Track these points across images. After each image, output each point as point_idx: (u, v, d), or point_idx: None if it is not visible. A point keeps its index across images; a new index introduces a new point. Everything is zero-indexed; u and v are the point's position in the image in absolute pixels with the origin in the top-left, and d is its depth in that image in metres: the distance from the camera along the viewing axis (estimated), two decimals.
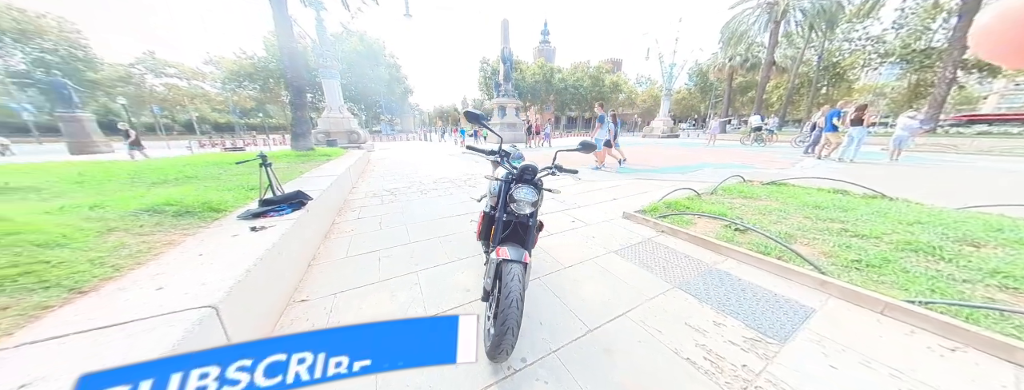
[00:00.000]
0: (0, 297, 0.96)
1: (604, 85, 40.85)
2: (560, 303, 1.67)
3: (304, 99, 6.60)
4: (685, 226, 2.60)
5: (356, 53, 29.03)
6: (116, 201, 2.03)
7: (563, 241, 2.55)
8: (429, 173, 6.17)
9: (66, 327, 0.91)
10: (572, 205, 3.69)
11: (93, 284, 1.11)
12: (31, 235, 1.24)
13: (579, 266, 2.10)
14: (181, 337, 0.89)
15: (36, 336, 0.87)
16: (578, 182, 5.20)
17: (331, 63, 10.84)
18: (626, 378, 1.19)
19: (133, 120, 26.13)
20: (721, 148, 12.38)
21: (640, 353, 1.31)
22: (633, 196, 4.07)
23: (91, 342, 0.86)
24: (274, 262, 1.57)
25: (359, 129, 12.55)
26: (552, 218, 3.18)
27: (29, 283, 1.04)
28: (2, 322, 0.89)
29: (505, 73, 19.67)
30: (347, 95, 31.80)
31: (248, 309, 1.26)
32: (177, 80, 29.71)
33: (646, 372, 1.22)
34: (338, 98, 11.70)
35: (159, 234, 1.62)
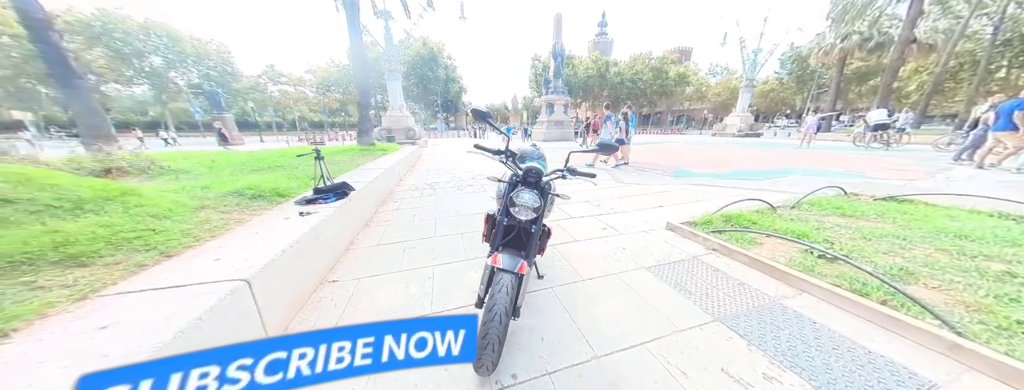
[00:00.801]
0: (118, 254, 1.26)
1: (667, 77, 36.81)
2: (569, 320, 1.52)
3: (368, 100, 7.46)
4: (746, 246, 2.15)
5: (419, 56, 31.73)
6: (219, 184, 2.57)
7: (587, 250, 2.34)
8: (470, 169, 6.38)
9: (150, 283, 1.16)
10: (608, 210, 3.39)
11: (177, 251, 1.40)
12: (151, 207, 1.62)
13: (600, 280, 1.89)
14: (213, 305, 1.05)
15: (129, 288, 1.13)
16: (619, 185, 4.78)
17: (395, 67, 12.03)
18: None
19: (257, 119, 33.36)
20: (820, 150, 10.05)
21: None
22: (685, 205, 3.55)
23: (159, 298, 1.07)
24: (310, 245, 1.78)
25: (415, 126, 13.71)
26: (580, 223, 2.96)
27: (138, 245, 1.35)
28: (114, 273, 1.17)
29: (555, 69, 19.20)
30: (409, 95, 35.07)
31: (280, 284, 1.44)
32: (287, 87, 36.79)
33: None
34: (399, 98, 12.94)
35: (235, 213, 1.98)
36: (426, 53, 32.11)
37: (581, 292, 1.76)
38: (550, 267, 2.04)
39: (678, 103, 43.39)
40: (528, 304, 1.65)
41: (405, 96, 40.18)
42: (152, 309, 1.00)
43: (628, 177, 5.43)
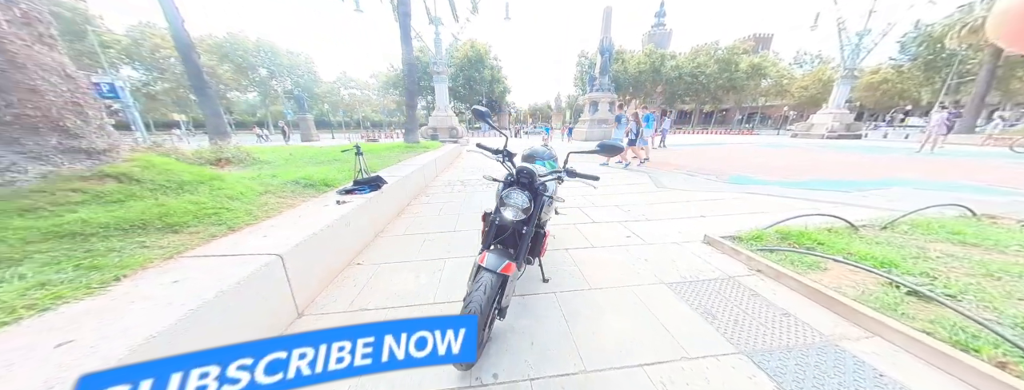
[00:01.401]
0: (199, 226, 1.60)
1: (737, 69, 32.21)
2: (565, 328, 1.46)
3: (415, 102, 8.10)
4: (803, 270, 1.80)
5: (467, 59, 33.17)
6: (284, 173, 3.06)
7: (604, 257, 2.20)
8: (502, 168, 6.49)
9: (215, 251, 1.45)
10: (638, 217, 3.13)
11: (239, 227, 1.72)
12: (228, 190, 2.02)
13: (610, 291, 1.77)
14: (251, 273, 1.26)
15: (200, 253, 1.42)
16: (657, 190, 4.37)
17: (442, 70, 12.78)
18: None
19: (331, 118, 38.86)
20: (950, 157, 7.81)
21: None
22: (734, 216, 3.10)
23: (218, 263, 1.34)
24: (340, 230, 2.01)
25: (458, 126, 14.40)
26: (602, 229, 2.79)
27: (214, 220, 1.69)
28: (194, 240, 1.49)
29: (602, 65, 18.32)
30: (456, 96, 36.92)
31: (310, 262, 1.66)
32: (355, 90, 41.90)
33: None
34: (445, 99, 13.72)
35: (289, 198, 2.34)
36: (474, 55, 33.43)
37: (586, 301, 1.67)
38: (558, 272, 1.98)
39: (750, 99, 37.64)
40: (525, 306, 1.63)
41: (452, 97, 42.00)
42: (209, 272, 1.26)
43: (671, 181, 4.94)
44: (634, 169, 6.16)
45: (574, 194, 4.18)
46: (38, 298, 0.99)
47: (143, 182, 1.68)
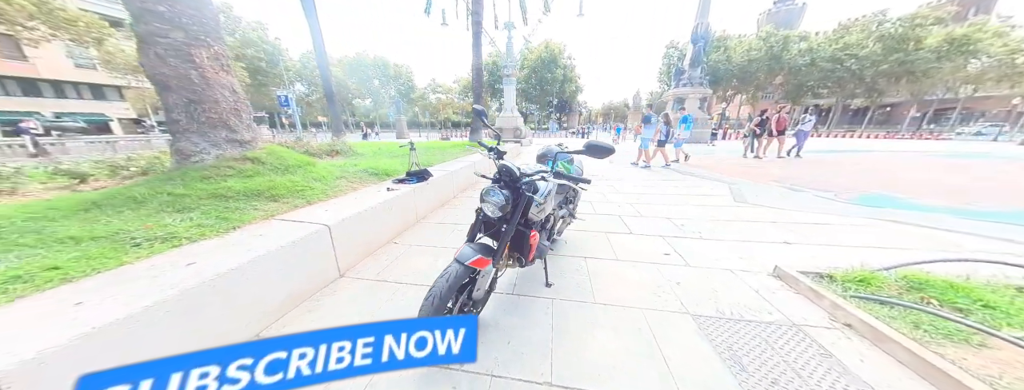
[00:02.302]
0: (290, 198, 2.17)
1: (918, 47, 22.80)
2: (549, 336, 1.40)
3: (481, 103, 8.70)
4: (936, 339, 1.27)
5: (540, 59, 33.48)
6: (361, 163, 3.79)
7: (626, 273, 1.98)
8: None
9: (292, 217, 1.95)
10: (691, 233, 2.67)
11: (314, 201, 2.25)
12: (316, 174, 2.65)
13: (616, 309, 1.59)
14: (304, 236, 1.66)
15: (282, 218, 1.94)
16: (735, 205, 3.58)
17: (511, 72, 13.30)
18: None
19: (421, 120, 45.39)
20: None
21: None
22: (840, 248, 2.34)
23: (289, 227, 1.80)
24: (383, 213, 2.40)
25: (522, 126, 14.77)
26: (635, 241, 2.49)
27: (300, 195, 2.26)
28: (283, 208, 2.03)
29: (693, 56, 15.90)
30: (527, 97, 37.73)
31: (353, 236, 2.05)
32: (441, 95, 47.68)
33: None
34: (512, 101, 14.25)
35: (356, 183, 2.91)
36: (547, 56, 33.49)
37: (584, 315, 1.55)
38: (566, 279, 1.88)
39: (943, 88, 26.08)
40: (517, 306, 1.62)
41: (523, 98, 43.01)
42: (283, 231, 1.71)
43: (760, 195, 3.96)
44: (680, 171, 5.70)
45: (620, 200, 3.82)
46: (193, 234, 1.55)
47: (266, 164, 2.39)
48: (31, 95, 18.50)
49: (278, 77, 27.11)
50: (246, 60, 24.66)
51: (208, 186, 1.95)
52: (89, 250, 1.30)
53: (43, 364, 0.83)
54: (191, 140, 2.08)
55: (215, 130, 2.14)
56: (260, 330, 1.43)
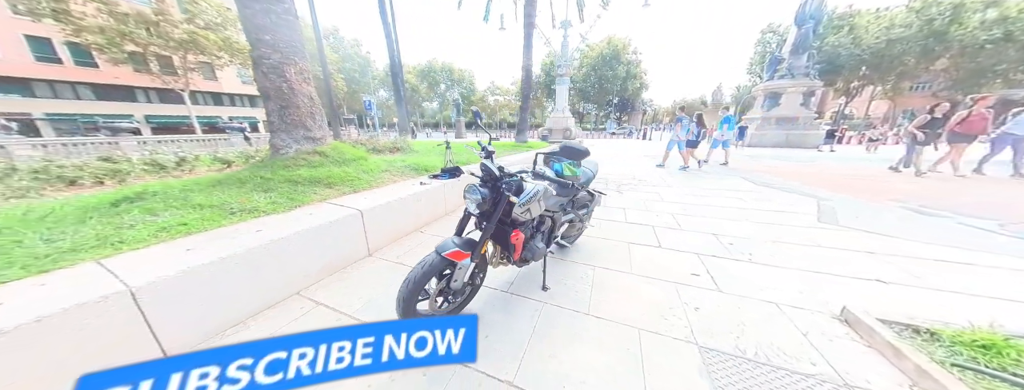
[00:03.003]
0: (341, 186, 2.62)
1: None
2: (526, 338, 1.40)
3: (528, 104, 8.81)
4: None
5: (601, 57, 31.80)
6: (409, 160, 4.27)
7: (636, 288, 1.83)
8: (600, 172, 6.11)
9: (337, 202, 2.36)
10: (740, 254, 2.28)
11: (359, 190, 2.66)
12: (366, 167, 3.12)
13: (611, 324, 1.50)
14: (338, 218, 2.00)
15: (332, 202, 2.36)
16: (823, 226, 2.89)
17: (565, 71, 13.03)
18: None
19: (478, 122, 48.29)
20: None
21: None
22: (974, 298, 1.71)
23: (332, 209, 2.18)
24: (411, 203, 2.68)
25: (573, 127, 14.36)
26: (667, 257, 2.24)
27: (349, 184, 2.70)
28: (335, 194, 2.47)
29: (798, 41, 13.24)
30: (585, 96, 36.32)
31: (382, 222, 2.36)
32: (499, 97, 49.60)
33: None
34: (564, 101, 13.97)
35: (398, 176, 3.31)
36: (609, 52, 31.62)
37: (572, 324, 1.49)
38: (565, 286, 1.82)
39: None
40: (506, 304, 1.65)
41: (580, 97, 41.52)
42: (327, 213, 2.08)
43: (865, 219, 3.07)
44: (755, 181, 5.04)
45: (661, 209, 3.43)
46: (268, 208, 2.02)
47: (329, 157, 2.93)
48: (217, 104, 26.03)
49: (367, 85, 32.19)
50: (345, 72, 29.99)
51: (286, 173, 2.50)
52: (205, 214, 1.83)
53: (158, 285, 1.22)
54: (280, 137, 2.70)
55: (296, 129, 2.72)
56: (300, 289, 1.78)
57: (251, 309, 1.55)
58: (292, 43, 2.57)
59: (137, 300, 1.18)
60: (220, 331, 1.43)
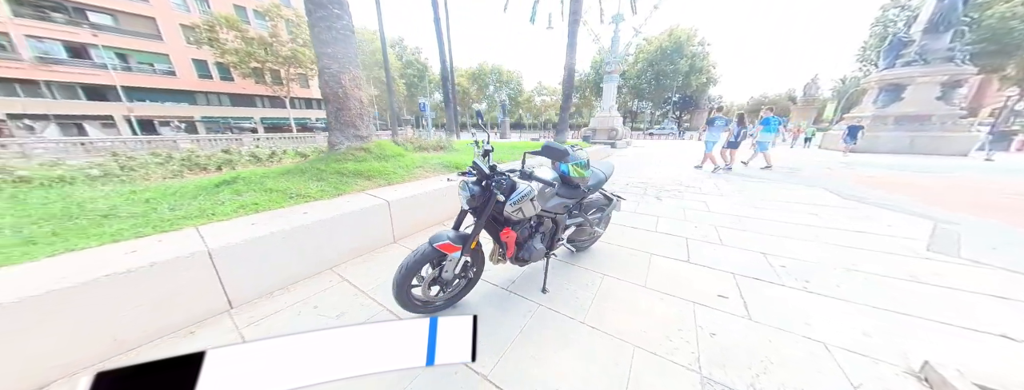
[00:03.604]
0: (378, 179, 2.95)
1: None
2: (511, 336, 1.41)
3: (569, 103, 8.59)
4: None
5: (660, 50, 29.13)
6: (445, 157, 4.57)
7: (646, 302, 1.70)
8: (640, 175, 5.71)
9: (373, 193, 2.66)
10: (795, 280, 1.91)
11: (393, 183, 2.96)
12: (404, 162, 3.45)
13: (602, 337, 1.44)
14: (370, 206, 2.26)
15: (369, 192, 2.67)
16: (930, 257, 2.31)
17: (614, 68, 12.32)
18: None
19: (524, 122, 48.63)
20: None
21: None
22: None
23: (368, 198, 2.48)
24: (437, 197, 2.87)
25: (619, 127, 13.51)
26: (694, 273, 2.05)
27: (386, 177, 3.03)
28: (373, 185, 2.80)
29: (939, 14, 10.53)
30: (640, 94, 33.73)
31: (408, 213, 2.59)
32: (546, 97, 49.28)
33: None
34: (611, 99, 13.24)
35: (430, 172, 3.57)
36: (670, 45, 28.75)
37: (562, 329, 1.45)
38: (567, 291, 1.76)
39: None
40: (501, 301, 1.67)
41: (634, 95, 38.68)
42: (361, 202, 2.38)
43: (1002, 249, 2.29)
44: (842, 195, 4.12)
45: (703, 220, 3.05)
46: (317, 195, 2.40)
47: (372, 153, 3.32)
48: (308, 108, 31.32)
49: (424, 89, 35.17)
50: (406, 77, 33.26)
51: (336, 166, 2.93)
52: (272, 196, 2.27)
53: (228, 249, 1.57)
54: (335, 135, 3.16)
55: (348, 128, 3.16)
56: (332, 265, 2.08)
57: (292, 277, 1.87)
58: (347, 55, 2.99)
59: (213, 259, 1.53)
60: (269, 292, 1.76)
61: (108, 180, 2.85)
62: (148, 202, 2.05)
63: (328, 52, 2.87)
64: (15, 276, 1.22)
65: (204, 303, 1.53)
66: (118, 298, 1.29)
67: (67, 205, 1.92)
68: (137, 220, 1.78)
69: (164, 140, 13.06)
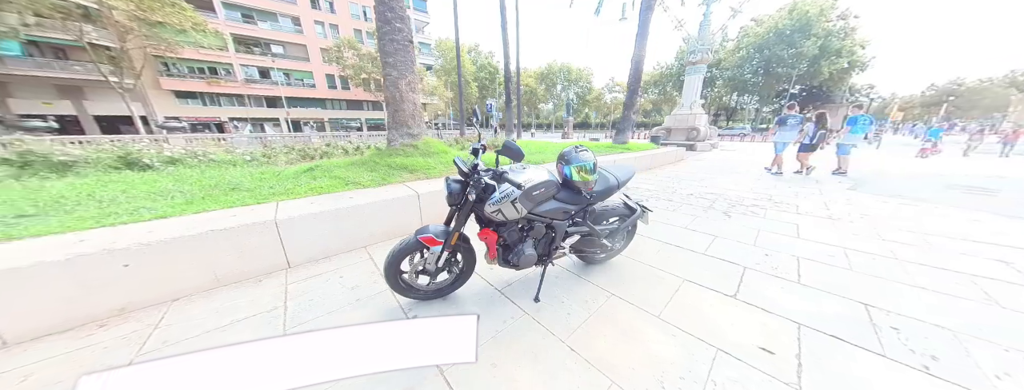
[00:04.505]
0: (419, 172, 3.28)
1: None
2: (481, 336, 1.37)
3: (634, 100, 7.75)
4: None
5: (774, 31, 23.33)
6: (485, 156, 4.75)
7: (649, 335, 1.53)
8: (713, 185, 4.82)
9: (411, 186, 2.98)
10: (902, 346, 1.50)
11: (432, 177, 3.25)
12: (445, 158, 3.74)
13: (580, 364, 1.33)
14: (403, 196, 2.54)
15: (408, 184, 3.00)
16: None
17: (700, 58, 10.52)
18: None
19: (591, 120, 46.31)
20: None
21: None
22: None
23: (407, 190, 2.79)
24: None
25: (702, 127, 11.56)
26: (742, 314, 1.68)
27: (427, 171, 3.34)
28: (414, 177, 3.14)
29: None
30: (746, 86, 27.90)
31: (433, 204, 2.80)
32: (618, 94, 45.65)
33: None
34: (693, 94, 11.41)
35: None
36: (791, 24, 22.68)
37: (538, 345, 1.36)
38: (561, 304, 1.64)
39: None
40: (488, 303, 1.65)
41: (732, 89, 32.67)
42: (398, 192, 2.69)
43: None
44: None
45: (794, 248, 2.37)
46: (367, 183, 2.83)
47: (419, 150, 3.70)
48: None
49: (494, 90, 37.12)
50: (478, 80, 35.71)
51: (387, 160, 3.38)
52: (333, 182, 2.78)
53: (290, 222, 2.01)
54: (392, 133, 3.66)
55: (401, 127, 3.60)
56: (364, 245, 2.42)
57: (332, 250, 2.26)
58: (405, 62, 3.40)
59: (279, 228, 1.98)
60: (314, 259, 2.18)
61: (253, 164, 3.98)
62: (262, 180, 2.79)
63: (389, 61, 3.34)
64: (171, 226, 1.84)
65: (271, 260, 2.00)
66: (220, 247, 1.80)
67: (219, 179, 2.78)
68: (250, 193, 2.45)
69: (304, 137, 17.51)
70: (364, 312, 1.58)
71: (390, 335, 0.58)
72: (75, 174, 3.18)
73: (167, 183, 2.64)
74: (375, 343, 0.56)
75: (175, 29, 14.36)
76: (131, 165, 3.61)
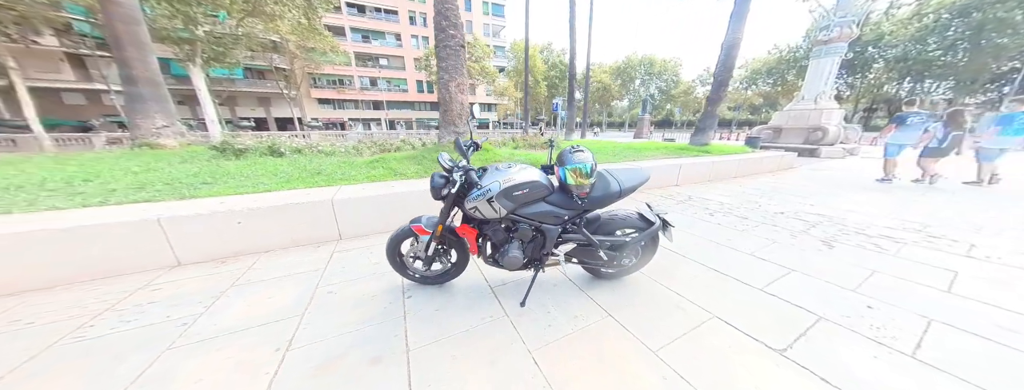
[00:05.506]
0: None
1: None
2: (448, 330, 1.42)
3: (720, 93, 6.43)
4: None
5: None
6: (527, 155, 4.74)
7: (638, 369, 1.34)
8: (831, 203, 3.78)
9: None
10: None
11: None
12: (487, 155, 3.91)
13: (538, 378, 1.24)
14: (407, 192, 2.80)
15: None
16: None
17: (837, 34, 7.96)
18: None
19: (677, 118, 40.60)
20: None
21: None
22: None
23: None
24: None
25: (832, 125, 8.84)
26: (796, 384, 1.21)
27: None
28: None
29: None
30: (916, 72, 19.92)
31: None
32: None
33: None
34: (819, 84, 8.79)
35: None
36: None
37: (502, 352, 1.30)
38: (545, 313, 1.55)
39: None
40: (480, 297, 1.67)
41: (903, 73, 24.62)
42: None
43: None
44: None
45: (919, 299, 1.72)
46: (411, 174, 3.22)
47: None
48: None
49: (564, 89, 36.39)
50: (549, 79, 35.50)
51: (434, 155, 3.74)
52: (386, 173, 3.25)
53: (342, 202, 2.47)
54: (441, 131, 4.03)
55: (450, 126, 3.94)
56: None
57: (374, 229, 2.66)
58: (456, 66, 3.69)
59: (334, 207, 2.46)
60: (358, 235, 2.61)
61: (345, 155, 5.01)
62: (339, 169, 3.49)
63: (442, 65, 3.68)
64: (270, 198, 2.48)
65: (327, 232, 2.50)
66: (297, 218, 2.35)
67: (315, 166, 3.61)
68: (327, 177, 3.11)
69: (396, 134, 21.12)
70: (375, 284, 1.82)
71: None
72: (244, 158, 4.63)
73: (284, 166, 3.57)
74: None
75: (320, 52, 19.18)
76: (273, 153, 5.02)
